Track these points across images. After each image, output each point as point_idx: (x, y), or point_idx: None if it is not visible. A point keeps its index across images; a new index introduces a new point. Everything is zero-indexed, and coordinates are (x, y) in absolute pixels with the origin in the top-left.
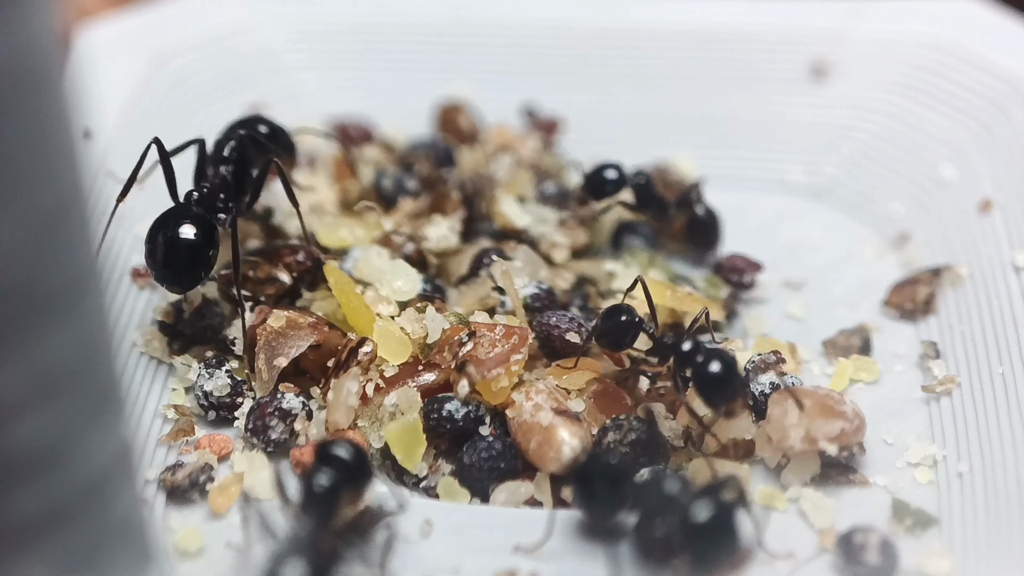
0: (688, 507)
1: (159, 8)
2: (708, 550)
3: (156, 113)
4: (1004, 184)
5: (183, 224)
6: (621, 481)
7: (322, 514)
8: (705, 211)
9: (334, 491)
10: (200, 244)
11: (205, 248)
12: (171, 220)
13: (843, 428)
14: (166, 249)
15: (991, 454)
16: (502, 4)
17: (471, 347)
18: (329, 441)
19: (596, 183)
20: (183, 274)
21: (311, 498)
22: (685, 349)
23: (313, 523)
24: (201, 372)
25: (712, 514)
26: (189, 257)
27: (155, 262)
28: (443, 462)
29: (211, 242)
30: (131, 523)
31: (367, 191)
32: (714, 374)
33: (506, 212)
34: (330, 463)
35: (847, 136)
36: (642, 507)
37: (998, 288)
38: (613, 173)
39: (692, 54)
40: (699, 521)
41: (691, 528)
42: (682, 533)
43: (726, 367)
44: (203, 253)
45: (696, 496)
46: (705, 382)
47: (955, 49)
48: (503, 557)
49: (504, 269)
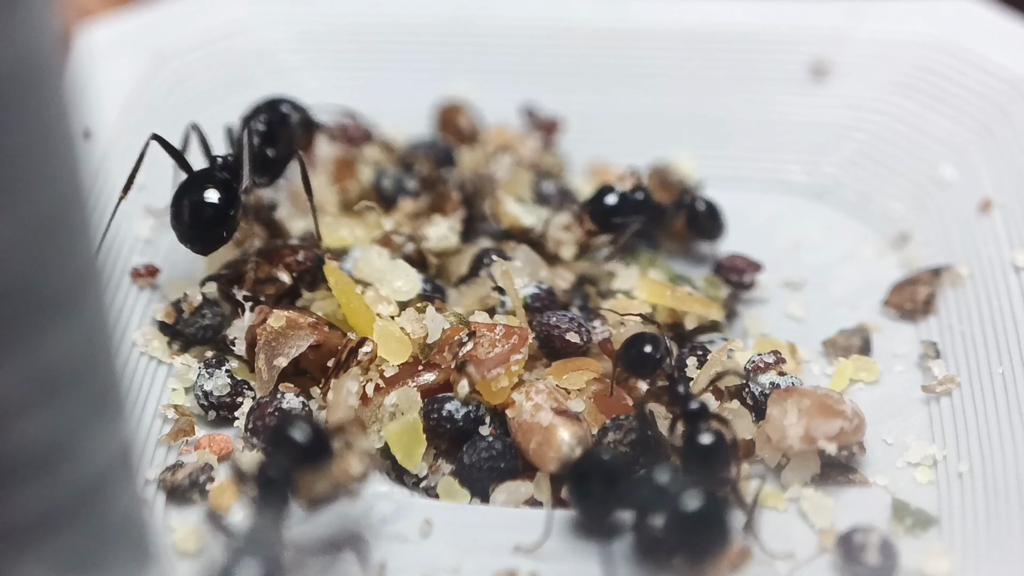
0: (678, 497)
1: (159, 8)
2: (697, 540)
3: (156, 113)
4: (1004, 184)
5: (207, 186)
6: (615, 480)
7: (277, 502)
8: (705, 204)
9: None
10: (223, 205)
11: (227, 208)
12: (196, 182)
13: (843, 428)
14: (190, 209)
15: (991, 454)
16: (502, 4)
17: (471, 347)
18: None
19: (601, 213)
20: (206, 233)
21: (266, 487)
22: (691, 407)
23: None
24: (201, 372)
25: (700, 503)
26: (212, 217)
27: (180, 223)
28: (443, 462)
29: (233, 203)
30: (131, 523)
31: (367, 191)
32: (703, 446)
33: (512, 212)
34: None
35: (847, 136)
36: (636, 502)
37: (998, 288)
38: (614, 199)
39: (692, 54)
40: (688, 510)
41: (680, 518)
42: (672, 523)
43: (716, 444)
44: (225, 213)
45: (685, 486)
46: (691, 448)
47: (955, 49)
48: (503, 557)
49: (504, 269)
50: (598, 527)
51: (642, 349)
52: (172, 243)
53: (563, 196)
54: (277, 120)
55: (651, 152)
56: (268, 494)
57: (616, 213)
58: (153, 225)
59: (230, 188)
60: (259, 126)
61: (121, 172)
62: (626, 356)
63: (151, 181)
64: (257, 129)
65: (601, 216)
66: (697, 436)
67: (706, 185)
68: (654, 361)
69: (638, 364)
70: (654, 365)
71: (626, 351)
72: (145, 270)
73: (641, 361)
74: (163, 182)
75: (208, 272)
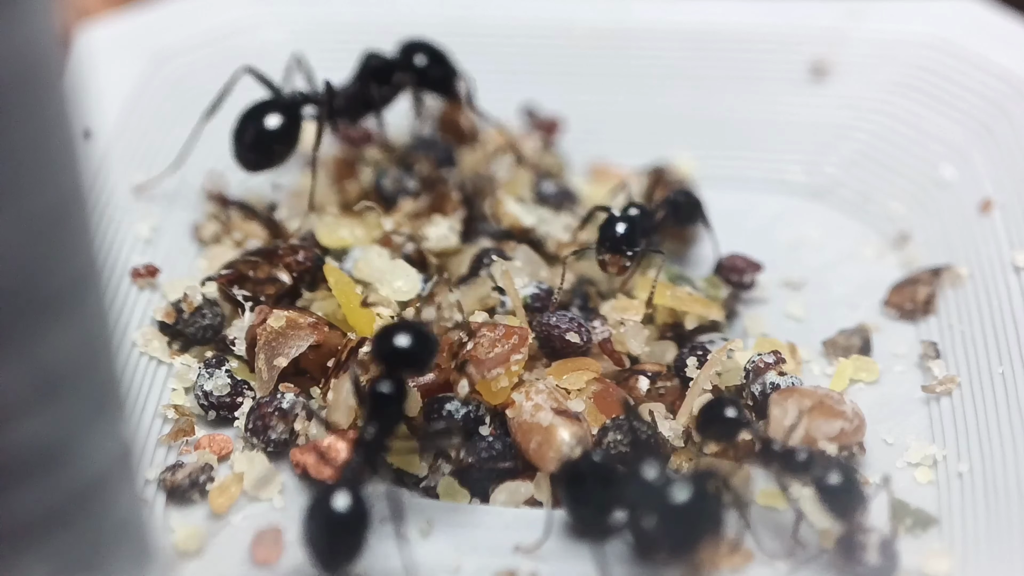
0: (666, 490)
1: (159, 8)
2: (685, 532)
3: (156, 113)
4: (1004, 184)
5: (270, 110)
6: (606, 486)
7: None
8: (680, 192)
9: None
10: (277, 129)
11: (282, 130)
12: (263, 105)
13: (843, 428)
14: (245, 127)
15: (991, 454)
16: (502, 4)
17: (471, 347)
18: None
19: (614, 240)
20: (255, 155)
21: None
22: (800, 459)
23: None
24: (201, 372)
25: (688, 496)
26: (268, 139)
27: (237, 140)
28: (443, 462)
29: (293, 127)
30: (131, 523)
31: (367, 191)
32: (836, 488)
33: (512, 212)
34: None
35: (847, 136)
36: (627, 502)
37: (998, 288)
38: (623, 227)
39: (692, 54)
40: (675, 502)
41: (668, 511)
42: (663, 515)
43: (847, 482)
44: (277, 136)
45: (674, 479)
46: (829, 496)
47: (955, 49)
48: (503, 557)
49: (504, 269)
50: (592, 532)
51: (723, 414)
52: (172, 243)
53: (563, 196)
54: (396, 65)
55: (651, 152)
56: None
57: (633, 238)
58: (153, 225)
59: (292, 117)
60: (375, 62)
61: (121, 172)
62: (707, 425)
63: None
64: (372, 65)
65: (624, 245)
66: (828, 482)
67: (706, 185)
68: (740, 424)
69: (723, 432)
70: (738, 428)
71: (706, 420)
72: (145, 270)
73: (725, 427)
74: (163, 181)
75: (208, 272)
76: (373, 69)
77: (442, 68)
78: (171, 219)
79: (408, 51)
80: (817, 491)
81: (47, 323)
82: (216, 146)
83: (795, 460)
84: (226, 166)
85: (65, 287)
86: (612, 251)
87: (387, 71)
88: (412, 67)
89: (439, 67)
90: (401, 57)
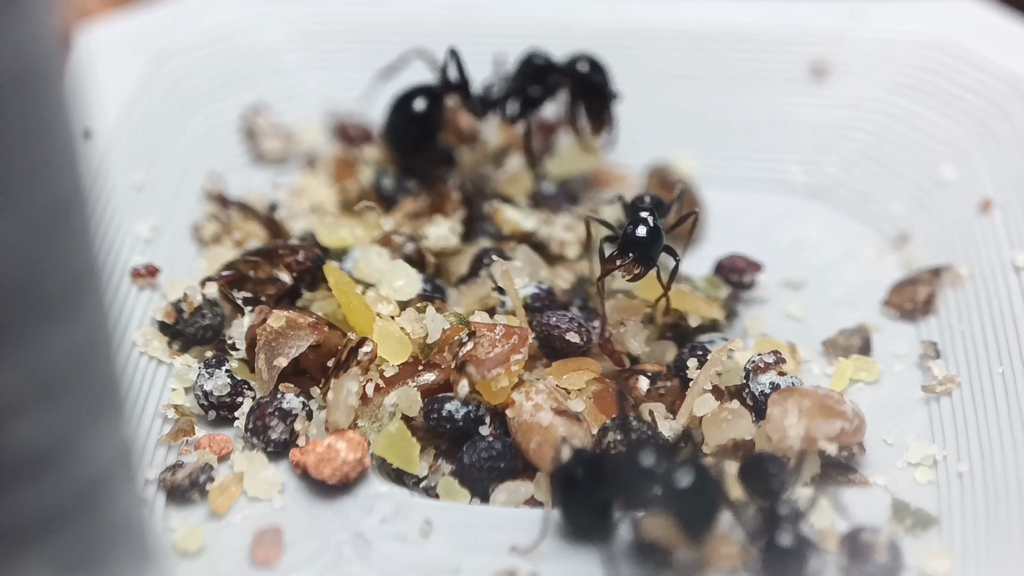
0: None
1: (159, 8)
2: (684, 511)
3: (156, 113)
4: (1004, 184)
5: (418, 95)
6: (601, 484)
7: None
8: (587, 63)
9: None
10: (419, 113)
11: (423, 116)
12: (416, 91)
13: (843, 428)
14: (394, 111)
15: (991, 454)
16: (502, 4)
17: (471, 347)
18: None
19: (636, 246)
20: (401, 140)
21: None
22: None
23: None
24: (201, 372)
25: (693, 479)
26: (412, 123)
27: (387, 124)
28: (443, 462)
29: (434, 113)
30: (131, 523)
31: (367, 191)
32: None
33: (511, 219)
34: None
35: (847, 136)
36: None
37: (998, 288)
38: (644, 230)
39: (692, 54)
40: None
41: (668, 493)
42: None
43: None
44: (419, 119)
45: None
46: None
47: (955, 49)
48: (503, 557)
49: (504, 269)
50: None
51: (766, 469)
52: (172, 243)
53: (563, 196)
54: (556, 69)
55: (651, 152)
56: None
57: (657, 250)
58: (153, 225)
59: (436, 104)
60: (538, 61)
61: (121, 172)
62: (749, 481)
63: (151, 181)
64: (532, 63)
65: (649, 258)
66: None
67: (706, 185)
68: (779, 481)
69: (763, 488)
70: (781, 485)
71: (747, 476)
72: (145, 270)
73: (767, 485)
74: (163, 181)
75: (208, 272)
76: (533, 67)
77: (600, 81)
78: (171, 219)
79: (575, 58)
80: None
81: (47, 323)
82: (216, 146)
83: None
84: (226, 166)
85: (65, 287)
86: (638, 262)
87: (546, 72)
88: (573, 73)
89: (598, 79)
90: (565, 62)
